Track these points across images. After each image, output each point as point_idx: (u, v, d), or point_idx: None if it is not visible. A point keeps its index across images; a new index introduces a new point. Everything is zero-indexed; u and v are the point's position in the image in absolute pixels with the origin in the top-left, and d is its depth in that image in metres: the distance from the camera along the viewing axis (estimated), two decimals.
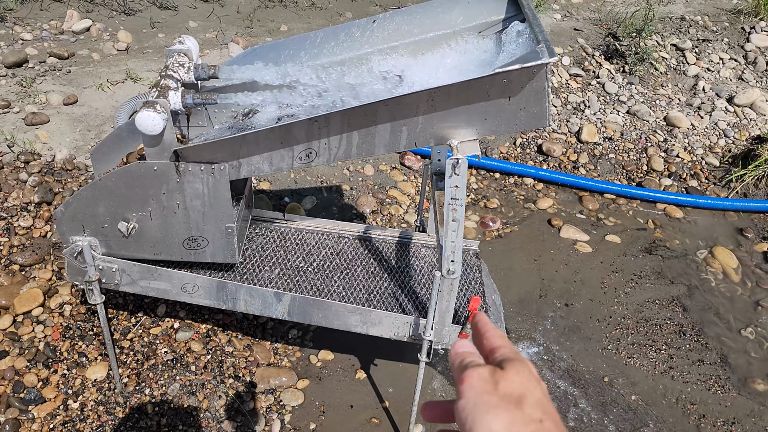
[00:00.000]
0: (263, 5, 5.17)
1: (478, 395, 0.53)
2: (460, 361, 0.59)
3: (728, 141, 4.68)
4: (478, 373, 0.55)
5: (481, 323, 0.64)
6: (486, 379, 0.54)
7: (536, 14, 1.82)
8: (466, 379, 0.55)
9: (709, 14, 5.93)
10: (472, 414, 0.52)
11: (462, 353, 0.61)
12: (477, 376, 0.54)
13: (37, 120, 3.51)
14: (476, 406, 0.52)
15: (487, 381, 0.54)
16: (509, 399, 0.52)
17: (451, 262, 1.95)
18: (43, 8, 4.59)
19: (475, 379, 0.54)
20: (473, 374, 0.55)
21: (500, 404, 0.52)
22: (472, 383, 0.54)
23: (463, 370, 0.57)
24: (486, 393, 0.53)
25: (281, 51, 2.08)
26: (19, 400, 2.29)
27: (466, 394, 0.54)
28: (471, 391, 0.53)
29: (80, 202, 1.95)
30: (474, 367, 0.56)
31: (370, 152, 1.83)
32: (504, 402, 0.52)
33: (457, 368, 0.59)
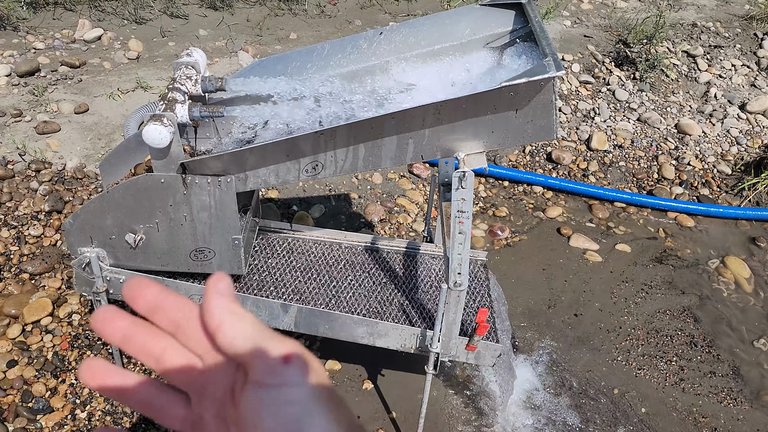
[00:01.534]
0: (272, 13, 5.19)
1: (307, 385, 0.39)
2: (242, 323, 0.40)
3: (740, 149, 4.64)
4: (299, 348, 0.41)
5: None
6: (306, 356, 0.41)
7: (543, 26, 1.81)
8: (292, 357, 0.39)
9: (721, 20, 5.88)
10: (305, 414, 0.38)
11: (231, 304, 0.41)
12: (301, 353, 0.40)
13: (49, 129, 3.54)
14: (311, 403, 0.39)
15: (309, 362, 0.41)
16: (329, 389, 0.41)
17: (458, 274, 1.94)
18: (56, 17, 4.64)
19: (300, 358, 0.40)
20: (295, 347, 0.40)
21: (330, 399, 0.41)
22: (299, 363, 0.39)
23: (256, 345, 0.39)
24: (315, 381, 0.40)
25: (288, 63, 2.08)
26: (28, 409, 2.31)
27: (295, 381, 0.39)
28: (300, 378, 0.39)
29: (88, 213, 1.96)
30: (285, 338, 0.41)
31: (376, 165, 1.83)
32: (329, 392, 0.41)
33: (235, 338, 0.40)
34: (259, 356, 0.39)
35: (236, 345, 0.39)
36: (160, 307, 0.43)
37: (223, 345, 0.40)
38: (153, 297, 0.43)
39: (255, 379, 0.39)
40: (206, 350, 0.42)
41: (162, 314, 0.43)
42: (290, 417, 0.38)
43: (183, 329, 0.43)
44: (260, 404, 0.38)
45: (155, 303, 0.43)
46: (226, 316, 0.40)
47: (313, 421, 0.38)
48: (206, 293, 0.41)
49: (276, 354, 0.39)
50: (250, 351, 0.39)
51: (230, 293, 0.41)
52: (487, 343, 2.17)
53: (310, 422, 0.38)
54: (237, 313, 0.40)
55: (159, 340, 0.44)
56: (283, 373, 0.38)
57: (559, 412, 2.70)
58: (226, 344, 0.40)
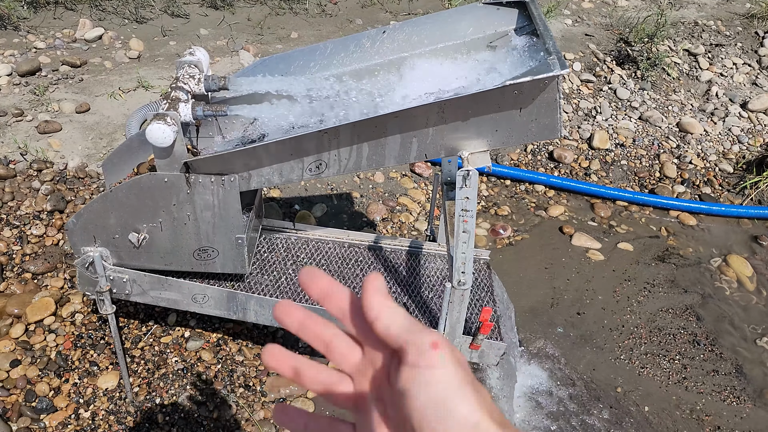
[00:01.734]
0: (273, 12, 5.19)
1: (456, 369, 0.43)
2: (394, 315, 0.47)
3: (742, 147, 4.63)
4: (445, 339, 0.45)
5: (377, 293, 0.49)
6: (452, 346, 0.45)
7: (547, 25, 1.81)
8: (441, 344, 0.44)
9: (722, 19, 5.88)
10: (453, 394, 0.42)
11: (386, 299, 0.48)
12: (446, 341, 0.44)
13: (50, 128, 3.54)
14: (458, 385, 0.43)
15: (454, 350, 0.45)
16: (473, 377, 0.44)
17: (462, 273, 1.94)
18: (56, 17, 4.63)
19: (447, 345, 0.44)
20: (442, 337, 0.45)
21: (474, 383, 0.44)
22: (447, 349, 0.44)
23: (411, 333, 0.45)
24: (462, 367, 0.44)
25: (291, 62, 2.08)
26: (31, 409, 2.30)
27: (444, 363, 0.43)
28: (450, 359, 0.43)
29: (91, 213, 1.96)
30: (435, 332, 0.46)
31: (380, 164, 1.83)
32: (474, 379, 0.44)
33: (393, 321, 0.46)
34: (412, 342, 0.44)
35: (391, 332, 0.46)
36: (330, 295, 0.51)
37: (381, 332, 0.47)
38: (325, 285, 0.51)
39: (408, 361, 0.44)
40: (366, 338, 0.49)
41: (332, 302, 0.51)
42: (439, 395, 0.42)
43: (347, 317, 0.50)
44: (413, 383, 0.43)
45: (327, 291, 0.51)
46: (383, 308, 0.47)
47: (458, 400, 0.42)
48: (365, 289, 0.48)
49: (426, 340, 0.44)
50: (404, 337, 0.45)
51: (384, 290, 0.48)
52: (491, 342, 2.17)
53: (456, 401, 0.42)
54: (391, 306, 0.47)
55: (328, 328, 0.51)
56: (432, 356, 0.43)
57: (562, 410, 2.70)
58: (382, 332, 0.47)
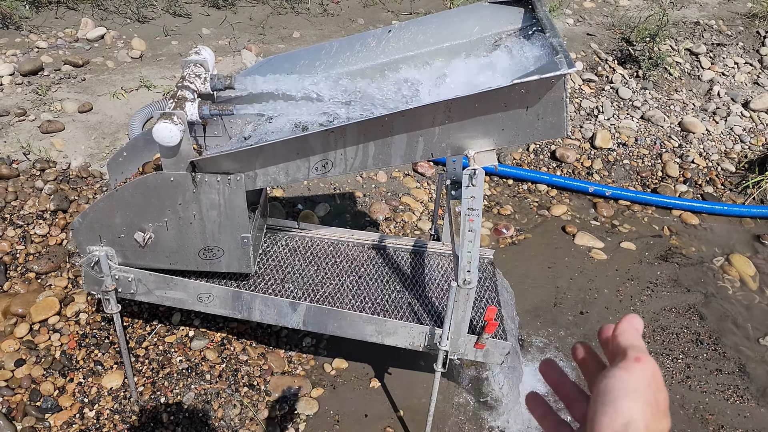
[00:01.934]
0: (275, 12, 5.19)
1: (641, 381, 0.53)
2: (634, 335, 0.60)
3: (744, 146, 4.64)
4: (654, 366, 0.55)
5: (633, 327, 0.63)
6: (656, 374, 0.55)
7: (554, 24, 1.81)
8: (643, 359, 0.55)
9: (723, 18, 5.88)
10: (624, 391, 0.53)
11: (634, 330, 0.60)
12: (653, 367, 0.55)
13: (53, 128, 3.54)
14: (634, 389, 0.53)
15: (655, 377, 0.55)
16: (659, 404, 0.53)
17: (468, 272, 1.94)
18: (58, 16, 4.63)
19: (650, 368, 0.55)
20: (651, 362, 0.55)
21: (653, 404, 0.53)
22: (646, 369, 0.54)
23: (631, 348, 0.57)
24: (648, 386, 0.53)
25: (296, 61, 2.08)
26: (36, 408, 2.30)
27: (635, 372, 0.54)
28: (640, 374, 0.54)
29: (97, 212, 1.96)
30: (651, 358, 0.57)
31: (386, 163, 1.83)
32: (657, 404, 0.53)
33: (628, 340, 0.59)
34: (625, 352, 0.57)
35: (621, 343, 0.58)
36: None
37: (614, 343, 0.59)
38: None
39: (617, 364, 0.56)
40: None
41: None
42: (613, 387, 0.53)
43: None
44: (605, 374, 0.56)
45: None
46: (626, 332, 0.60)
47: (626, 398, 0.52)
48: (623, 320, 0.61)
49: (635, 354, 0.56)
50: (624, 348, 0.57)
51: (638, 328, 0.60)
52: (496, 341, 2.17)
53: (624, 399, 0.52)
54: (634, 333, 0.59)
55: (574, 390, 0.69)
56: (630, 364, 0.55)
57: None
58: (615, 343, 0.59)
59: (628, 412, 0.51)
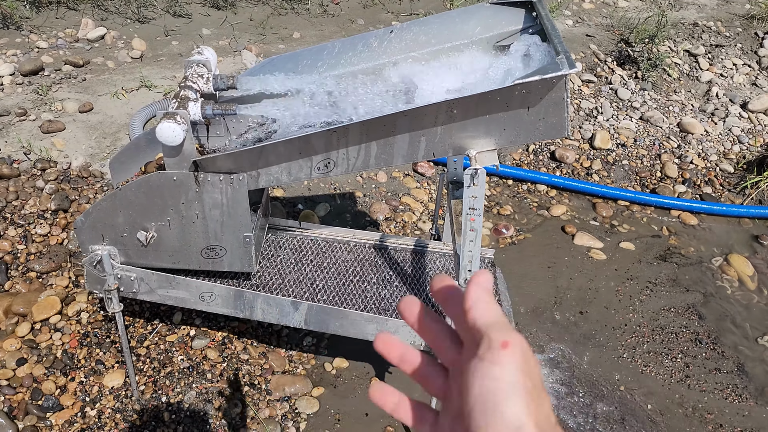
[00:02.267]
0: (276, 13, 5.20)
1: (515, 372, 0.45)
2: (488, 307, 0.49)
3: (743, 147, 4.65)
4: (522, 343, 0.47)
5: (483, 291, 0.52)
6: (526, 353, 0.46)
7: (555, 25, 1.82)
8: (511, 344, 0.46)
9: (722, 19, 5.90)
10: (503, 392, 0.44)
11: (486, 295, 0.51)
12: (521, 347, 0.46)
13: (53, 128, 3.54)
14: (512, 386, 0.45)
15: (526, 357, 0.46)
16: (537, 386, 0.46)
17: (469, 271, 1.95)
18: (59, 16, 4.64)
19: (519, 350, 0.46)
20: (518, 341, 0.46)
21: (532, 392, 0.45)
22: (516, 353, 0.46)
23: (492, 326, 0.48)
24: (524, 373, 0.45)
25: (299, 61, 2.09)
26: (37, 407, 2.31)
27: (506, 364, 0.45)
28: (512, 364, 0.45)
29: (100, 211, 1.97)
30: (516, 333, 0.47)
31: (388, 162, 1.84)
32: (535, 389, 0.46)
33: (486, 315, 0.49)
34: (487, 336, 0.47)
35: (477, 324, 0.49)
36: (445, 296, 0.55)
37: (469, 321, 0.49)
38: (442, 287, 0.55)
39: (478, 353, 0.47)
40: (465, 334, 0.52)
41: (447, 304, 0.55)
42: (491, 390, 0.45)
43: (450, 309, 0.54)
44: (473, 373, 0.46)
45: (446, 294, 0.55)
46: (478, 302, 0.50)
47: (509, 401, 0.44)
48: (470, 281, 0.52)
49: (499, 338, 0.46)
50: (484, 330, 0.48)
51: (488, 288, 0.51)
52: None
53: (506, 401, 0.44)
54: (487, 302, 0.50)
55: (437, 323, 0.56)
56: (498, 354, 0.45)
57: (566, 408, 2.72)
58: (470, 321, 0.49)
59: (514, 417, 0.44)
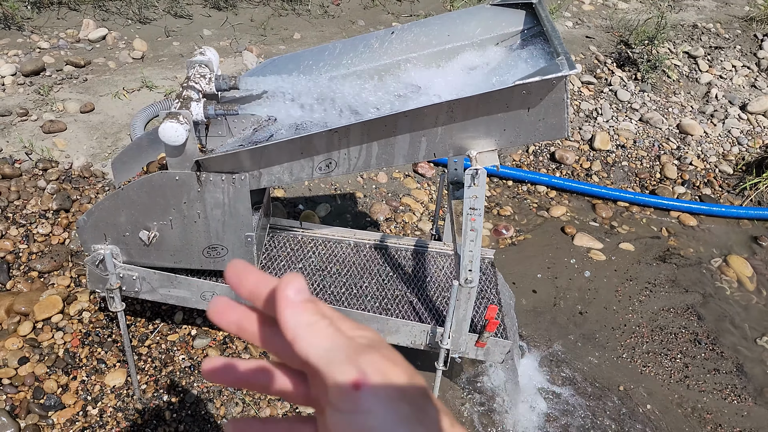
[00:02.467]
0: (276, 13, 5.21)
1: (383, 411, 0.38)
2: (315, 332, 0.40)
3: (742, 149, 4.67)
4: (376, 364, 0.39)
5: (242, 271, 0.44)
6: (387, 373, 0.39)
7: (555, 26, 1.83)
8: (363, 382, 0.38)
9: (721, 21, 5.92)
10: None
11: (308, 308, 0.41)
12: (378, 372, 0.39)
13: (55, 128, 3.55)
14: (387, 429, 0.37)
15: (389, 379, 0.39)
16: (417, 405, 0.39)
17: (469, 271, 1.96)
18: (60, 17, 4.65)
19: (378, 379, 0.38)
20: (371, 366, 0.38)
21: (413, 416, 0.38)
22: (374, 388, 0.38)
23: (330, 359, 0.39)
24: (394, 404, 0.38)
25: (300, 62, 2.10)
26: (39, 406, 2.32)
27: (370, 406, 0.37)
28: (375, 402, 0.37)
29: (102, 211, 1.98)
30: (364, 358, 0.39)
31: (389, 162, 1.85)
32: (418, 410, 0.38)
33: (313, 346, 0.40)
34: (331, 379, 0.38)
35: (311, 360, 0.39)
36: (259, 295, 0.44)
37: (301, 358, 0.40)
38: (253, 283, 0.44)
39: (330, 402, 0.38)
40: None
41: (263, 303, 0.44)
42: None
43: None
44: (337, 428, 0.38)
45: (255, 291, 0.44)
46: (299, 329, 0.39)
47: None
48: (278, 303, 0.40)
49: (346, 379, 0.37)
50: (323, 371, 0.38)
51: (302, 299, 0.40)
52: (497, 340, 2.19)
53: None
54: (310, 324, 0.40)
55: (269, 327, 0.45)
56: (354, 400, 0.37)
57: (566, 409, 2.73)
58: (302, 358, 0.40)
59: None
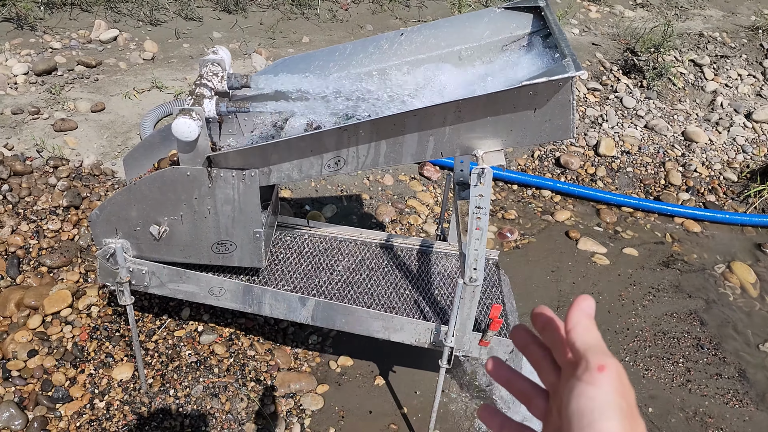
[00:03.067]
0: (285, 17, 5.26)
1: (611, 393, 0.47)
2: (589, 331, 0.52)
3: (746, 156, 4.69)
4: (618, 368, 0.49)
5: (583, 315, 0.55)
6: (622, 377, 0.49)
7: (562, 29, 1.86)
8: (607, 367, 0.48)
9: (727, 31, 5.94)
10: (599, 411, 0.47)
11: (586, 319, 0.54)
12: (617, 371, 0.48)
13: (66, 126, 3.60)
14: (608, 404, 0.47)
15: (622, 380, 0.48)
16: (632, 408, 0.48)
17: (474, 269, 1.98)
18: (72, 18, 4.71)
19: (615, 373, 0.48)
20: (614, 366, 0.48)
21: (627, 411, 0.47)
22: (612, 376, 0.48)
23: (591, 349, 0.50)
24: (619, 394, 0.47)
25: (311, 62, 2.14)
26: (47, 398, 2.35)
27: (603, 385, 0.48)
28: (608, 385, 0.48)
29: (114, 205, 2.01)
30: (612, 357, 0.49)
31: (397, 161, 1.88)
32: (631, 410, 0.47)
33: (586, 338, 0.52)
34: (585, 358, 0.50)
35: (576, 345, 0.52)
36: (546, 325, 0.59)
37: (569, 343, 0.52)
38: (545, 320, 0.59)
39: (576, 374, 0.49)
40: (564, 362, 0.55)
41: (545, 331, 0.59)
42: (586, 409, 0.47)
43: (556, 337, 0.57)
44: (571, 392, 0.49)
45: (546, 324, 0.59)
46: (579, 325, 0.53)
47: (603, 419, 0.46)
48: (573, 305, 0.54)
49: (597, 360, 0.49)
50: (582, 352, 0.50)
51: (590, 312, 0.54)
52: (500, 339, 2.22)
53: (601, 420, 0.46)
54: (587, 326, 0.53)
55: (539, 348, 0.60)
56: (595, 376, 0.48)
57: None
58: (570, 342, 0.52)
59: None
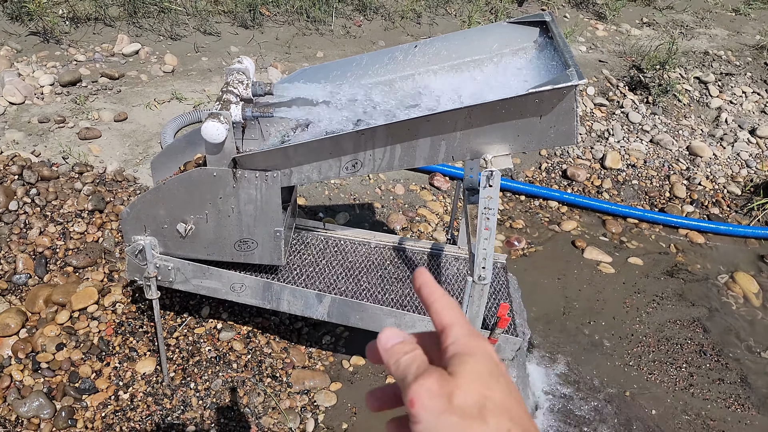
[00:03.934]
0: (300, 33, 5.43)
1: (434, 418, 0.47)
2: (397, 366, 0.52)
3: (750, 171, 4.78)
4: (427, 390, 0.48)
5: (427, 289, 0.57)
6: (437, 394, 0.47)
7: (566, 42, 1.99)
8: (415, 401, 0.47)
9: (732, 49, 6.06)
10: None
11: (395, 350, 0.53)
12: (427, 395, 0.47)
13: (90, 135, 3.75)
14: (436, 430, 0.46)
15: (439, 397, 0.47)
16: (470, 414, 0.46)
17: (483, 268, 2.09)
18: (96, 32, 4.89)
19: (426, 398, 0.47)
20: (421, 393, 0.48)
21: (461, 424, 0.46)
22: (424, 404, 0.47)
23: (404, 382, 0.50)
24: (442, 413, 0.46)
25: (329, 72, 2.27)
26: (74, 389, 2.46)
27: (421, 418, 0.47)
28: (425, 414, 0.47)
29: (144, 204, 2.14)
30: (419, 382, 0.48)
31: (410, 164, 2.00)
32: (465, 420, 0.46)
33: (397, 375, 0.52)
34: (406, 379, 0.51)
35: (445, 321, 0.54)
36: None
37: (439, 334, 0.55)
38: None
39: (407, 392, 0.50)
40: None
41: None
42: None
43: None
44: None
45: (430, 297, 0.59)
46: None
47: None
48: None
49: (410, 392, 0.49)
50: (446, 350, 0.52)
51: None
52: (507, 337, 2.32)
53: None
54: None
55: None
56: (413, 414, 0.48)
57: (573, 412, 2.82)
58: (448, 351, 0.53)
59: None
